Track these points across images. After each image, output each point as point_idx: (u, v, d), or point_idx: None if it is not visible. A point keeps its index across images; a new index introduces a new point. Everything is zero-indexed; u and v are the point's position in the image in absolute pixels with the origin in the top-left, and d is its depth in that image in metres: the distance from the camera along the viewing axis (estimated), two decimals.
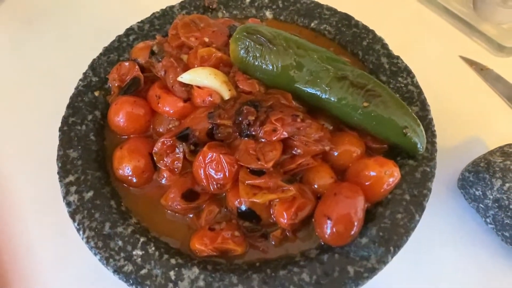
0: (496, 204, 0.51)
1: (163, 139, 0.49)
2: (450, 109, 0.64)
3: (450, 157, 0.59)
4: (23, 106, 0.63)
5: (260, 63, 0.51)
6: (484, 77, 0.69)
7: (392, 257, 0.45)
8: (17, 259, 0.52)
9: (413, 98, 0.55)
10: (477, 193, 0.53)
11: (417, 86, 0.56)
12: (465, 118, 0.64)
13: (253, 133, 0.47)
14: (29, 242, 0.53)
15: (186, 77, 0.51)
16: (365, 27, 0.62)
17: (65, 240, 0.52)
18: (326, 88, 0.49)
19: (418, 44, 0.72)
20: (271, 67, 0.50)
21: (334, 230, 0.44)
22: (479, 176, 0.52)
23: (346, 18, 0.63)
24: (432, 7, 0.77)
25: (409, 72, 0.57)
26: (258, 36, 0.50)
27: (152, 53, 0.55)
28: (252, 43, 0.50)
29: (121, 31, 0.62)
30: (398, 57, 0.59)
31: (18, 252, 0.52)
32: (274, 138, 0.47)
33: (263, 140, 0.47)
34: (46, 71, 0.67)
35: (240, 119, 0.48)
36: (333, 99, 0.49)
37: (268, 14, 0.64)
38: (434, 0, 0.77)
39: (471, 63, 0.71)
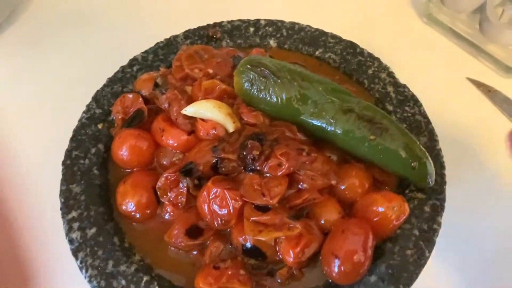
0: None
1: (166, 174, 0.48)
2: (458, 133, 0.63)
3: (460, 186, 0.58)
4: (25, 137, 0.63)
5: (265, 96, 0.50)
6: (492, 99, 0.68)
7: None
8: None
9: (421, 128, 0.54)
10: None
11: (424, 116, 0.55)
12: (474, 143, 0.62)
13: (258, 167, 0.47)
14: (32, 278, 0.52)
15: (190, 110, 0.51)
16: (371, 55, 0.61)
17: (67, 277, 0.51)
18: (332, 121, 0.48)
19: (424, 66, 0.71)
20: (275, 100, 0.50)
21: (342, 268, 0.43)
22: None
23: (351, 46, 0.63)
24: (438, 28, 0.77)
25: (416, 101, 0.57)
26: (262, 68, 0.50)
27: (156, 85, 0.55)
28: (256, 75, 0.50)
29: (125, 61, 0.62)
30: (404, 86, 0.58)
31: None
32: (279, 173, 0.46)
33: (268, 174, 0.47)
34: (49, 103, 0.67)
35: (244, 153, 0.47)
36: (339, 132, 0.48)
37: (272, 43, 0.64)
38: (440, 22, 0.76)
39: (479, 84, 0.70)
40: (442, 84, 0.70)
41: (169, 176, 0.48)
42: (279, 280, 0.46)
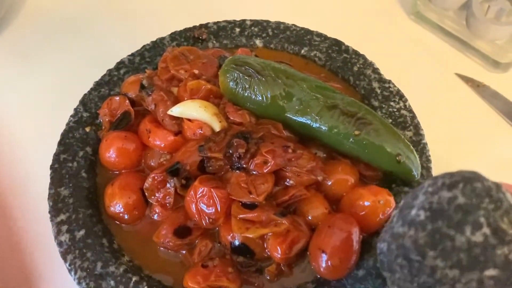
0: None
1: (153, 175, 0.49)
2: (448, 128, 0.63)
3: None
4: (14, 142, 0.63)
5: (250, 94, 0.50)
6: (481, 94, 0.69)
7: None
8: None
9: (406, 123, 0.55)
10: None
11: (410, 110, 0.56)
12: (463, 137, 0.63)
13: (244, 165, 0.47)
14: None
15: (176, 110, 0.51)
16: (356, 52, 0.62)
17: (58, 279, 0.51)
18: (317, 117, 0.49)
19: (412, 63, 0.71)
20: (260, 98, 0.50)
21: (329, 263, 0.43)
22: None
23: (336, 44, 0.63)
24: (426, 26, 0.77)
25: (401, 96, 0.57)
26: (247, 67, 0.50)
27: (142, 87, 0.55)
28: (240, 74, 0.50)
29: (112, 64, 0.62)
30: (390, 81, 0.59)
31: None
32: (265, 170, 0.46)
33: (254, 172, 0.47)
34: (37, 107, 0.66)
35: (230, 151, 0.47)
36: (324, 128, 0.49)
37: (258, 42, 0.64)
38: (428, 19, 0.77)
39: (467, 80, 0.70)
40: (431, 81, 0.70)
41: (156, 177, 0.48)
42: (268, 277, 0.46)
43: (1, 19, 0.77)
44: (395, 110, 0.56)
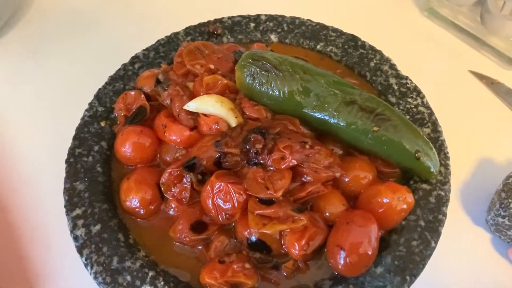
0: None
1: (170, 170, 0.48)
2: (462, 125, 0.63)
3: (465, 179, 0.57)
4: (28, 137, 0.63)
5: (266, 89, 0.50)
6: (495, 91, 0.68)
7: (408, 287, 0.44)
8: None
9: (424, 120, 0.54)
10: None
11: (427, 107, 0.55)
12: (478, 135, 0.62)
13: (261, 161, 0.46)
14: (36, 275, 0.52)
15: (192, 105, 0.51)
16: (372, 48, 0.61)
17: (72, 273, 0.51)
18: (335, 113, 0.48)
19: (426, 60, 0.71)
20: (277, 93, 0.50)
21: (347, 260, 0.43)
22: None
23: (352, 39, 0.62)
24: (439, 22, 0.76)
25: (418, 93, 0.56)
26: (264, 62, 0.50)
27: (158, 81, 0.54)
28: (257, 69, 0.50)
29: (126, 59, 0.62)
30: (407, 77, 0.58)
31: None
32: (282, 166, 0.46)
33: (271, 168, 0.46)
34: (50, 102, 0.67)
35: (247, 147, 0.47)
36: (342, 124, 0.48)
37: (273, 37, 0.64)
38: (441, 15, 0.76)
39: (481, 77, 0.70)
40: (444, 77, 0.69)
41: (172, 172, 0.48)
42: (284, 273, 0.46)
43: (15, 13, 0.77)
44: (413, 106, 0.55)
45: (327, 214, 0.47)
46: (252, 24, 0.65)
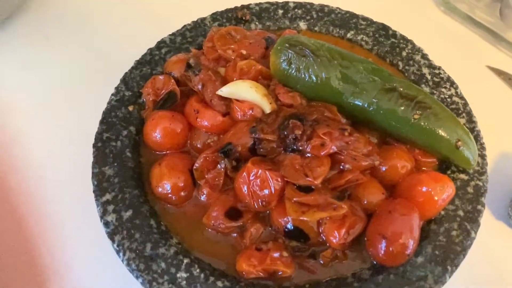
0: None
1: (204, 155, 0.47)
2: (480, 121, 0.61)
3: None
4: (52, 122, 0.61)
5: (303, 75, 0.49)
6: None
7: (449, 277, 0.43)
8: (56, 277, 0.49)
9: (459, 110, 0.53)
10: None
11: (462, 97, 0.54)
12: (496, 130, 0.61)
13: (300, 148, 0.45)
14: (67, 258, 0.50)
15: (225, 91, 0.49)
16: (404, 37, 0.60)
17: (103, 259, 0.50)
18: (374, 100, 0.47)
19: (442, 55, 0.69)
20: (314, 79, 0.49)
21: (390, 249, 0.42)
22: None
23: (383, 28, 0.62)
24: (456, 17, 0.76)
25: (452, 83, 0.56)
26: (301, 47, 0.49)
27: (189, 66, 0.53)
28: (294, 54, 0.49)
29: (146, 44, 0.60)
30: (440, 68, 0.57)
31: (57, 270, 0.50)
32: (322, 153, 0.45)
33: (309, 155, 0.45)
34: (73, 86, 0.65)
35: (285, 133, 0.46)
36: (381, 112, 0.47)
37: (302, 25, 0.63)
38: (458, 10, 0.75)
39: (499, 73, 0.69)
40: (461, 73, 0.68)
41: (207, 157, 0.47)
42: (321, 262, 0.45)
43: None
44: (447, 96, 0.55)
45: (365, 202, 0.46)
46: (280, 11, 0.64)
